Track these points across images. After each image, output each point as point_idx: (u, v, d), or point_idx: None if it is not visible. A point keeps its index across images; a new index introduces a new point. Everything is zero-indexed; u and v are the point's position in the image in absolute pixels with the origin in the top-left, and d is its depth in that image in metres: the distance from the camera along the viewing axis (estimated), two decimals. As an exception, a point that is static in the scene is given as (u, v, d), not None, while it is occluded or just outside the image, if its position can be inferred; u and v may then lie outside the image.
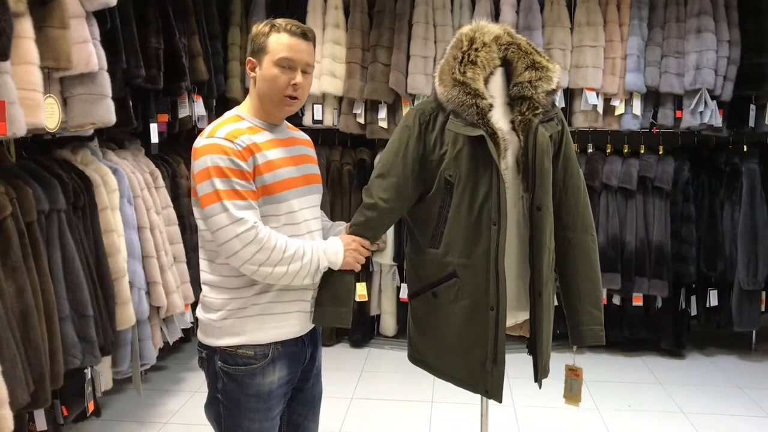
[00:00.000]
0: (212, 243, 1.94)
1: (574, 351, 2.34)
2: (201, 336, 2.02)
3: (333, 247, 2.03)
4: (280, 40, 1.93)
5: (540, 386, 2.24)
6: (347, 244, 2.07)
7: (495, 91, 2.12)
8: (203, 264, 2.02)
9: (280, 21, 1.96)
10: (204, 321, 2.00)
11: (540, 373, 2.20)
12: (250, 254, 1.84)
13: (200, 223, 1.97)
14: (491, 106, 2.04)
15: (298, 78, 1.95)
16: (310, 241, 2.01)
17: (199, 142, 1.92)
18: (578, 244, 2.19)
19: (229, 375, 1.95)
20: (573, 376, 2.41)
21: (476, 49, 2.08)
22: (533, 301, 2.13)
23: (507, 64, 2.14)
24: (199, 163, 1.88)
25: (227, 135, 1.89)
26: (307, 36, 1.97)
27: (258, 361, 1.94)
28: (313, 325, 2.08)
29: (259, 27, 1.98)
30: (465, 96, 2.02)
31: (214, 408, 2.02)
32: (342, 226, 2.22)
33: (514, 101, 2.10)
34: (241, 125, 1.95)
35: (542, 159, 2.04)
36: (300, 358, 2.06)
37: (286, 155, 1.99)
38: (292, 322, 2.00)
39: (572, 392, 2.41)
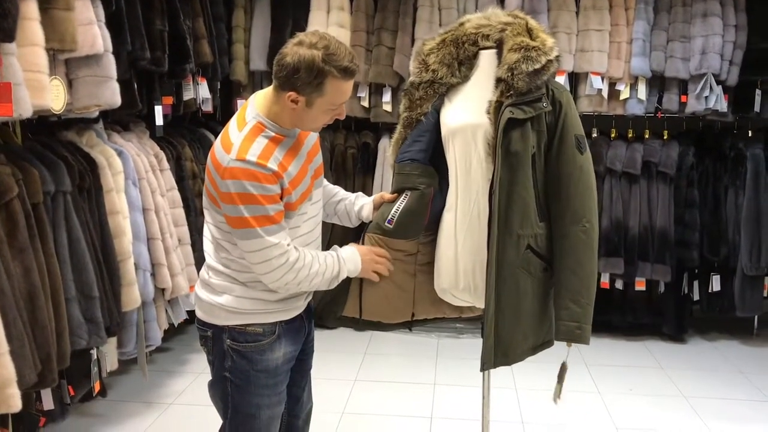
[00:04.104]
0: (224, 241, 1.95)
1: (567, 346, 2.18)
2: (204, 316, 2.03)
3: (350, 256, 2.08)
4: (338, 88, 1.85)
5: (481, 370, 2.14)
6: (364, 254, 2.11)
7: (481, 73, 2.17)
8: (209, 248, 2.03)
9: (332, 54, 1.80)
10: (208, 301, 2.01)
11: (485, 356, 2.09)
12: (280, 275, 1.90)
13: (210, 217, 1.98)
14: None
15: (342, 110, 1.95)
16: (331, 252, 2.06)
17: (226, 159, 1.83)
18: (565, 235, 2.09)
19: (239, 352, 1.98)
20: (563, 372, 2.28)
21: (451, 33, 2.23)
22: (487, 281, 2.09)
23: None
24: (226, 184, 1.83)
25: (259, 159, 1.83)
26: (357, 69, 1.88)
27: (266, 337, 1.99)
28: (308, 301, 2.13)
29: (310, 54, 1.79)
30: None
31: (220, 387, 2.04)
32: (366, 199, 2.29)
33: (497, 84, 2.08)
34: (266, 139, 1.88)
35: (502, 141, 2.01)
36: (301, 333, 2.13)
37: (301, 164, 1.98)
38: (297, 305, 2.06)
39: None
